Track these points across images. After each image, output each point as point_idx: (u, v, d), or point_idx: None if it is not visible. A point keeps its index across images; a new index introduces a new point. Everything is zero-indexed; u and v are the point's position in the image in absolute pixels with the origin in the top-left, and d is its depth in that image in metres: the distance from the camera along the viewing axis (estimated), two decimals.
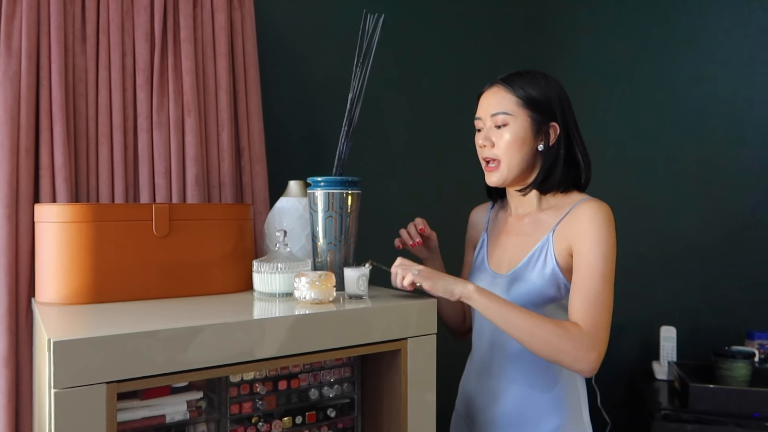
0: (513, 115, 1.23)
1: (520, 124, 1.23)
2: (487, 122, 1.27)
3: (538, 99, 1.23)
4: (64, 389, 0.85)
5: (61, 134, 1.33)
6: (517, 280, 1.26)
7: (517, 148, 1.23)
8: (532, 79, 1.25)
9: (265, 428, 1.19)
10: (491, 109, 1.25)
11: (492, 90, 1.28)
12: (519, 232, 1.32)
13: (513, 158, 1.24)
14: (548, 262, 1.22)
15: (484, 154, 1.28)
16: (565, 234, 1.21)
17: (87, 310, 1.10)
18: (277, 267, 1.22)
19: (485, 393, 1.32)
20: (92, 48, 1.40)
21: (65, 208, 1.15)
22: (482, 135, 1.27)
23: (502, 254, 1.33)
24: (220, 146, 1.54)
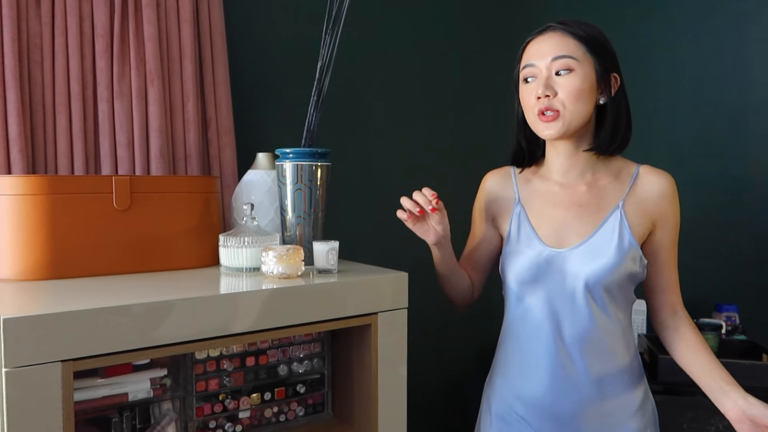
0: (579, 60, 1.10)
1: (586, 71, 1.10)
2: (544, 70, 1.11)
3: (602, 45, 1.12)
4: (15, 368, 0.81)
5: (15, 103, 1.27)
6: (591, 254, 1.13)
7: (583, 98, 1.10)
8: (591, 26, 1.14)
9: (233, 405, 1.17)
10: (552, 52, 1.10)
11: (548, 34, 1.13)
12: (579, 202, 1.18)
13: (577, 109, 1.10)
14: (625, 236, 1.13)
15: (541, 105, 1.11)
16: (644, 207, 1.15)
17: (43, 286, 1.06)
18: (244, 241, 1.19)
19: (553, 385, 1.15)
20: (47, 12, 1.33)
21: (20, 180, 1.10)
22: (540, 83, 1.11)
23: (560, 227, 1.18)
24: (185, 117, 1.48)
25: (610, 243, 1.13)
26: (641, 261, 1.15)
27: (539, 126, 1.13)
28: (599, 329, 1.14)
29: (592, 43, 1.11)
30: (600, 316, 1.14)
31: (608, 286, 1.13)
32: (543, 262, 1.16)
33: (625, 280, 1.14)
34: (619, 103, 1.15)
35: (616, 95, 1.15)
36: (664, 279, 1.20)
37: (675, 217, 1.18)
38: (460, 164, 2.09)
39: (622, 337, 1.17)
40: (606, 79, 1.13)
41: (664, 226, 1.17)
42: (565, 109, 1.10)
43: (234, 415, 1.17)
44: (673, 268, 1.20)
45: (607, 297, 1.14)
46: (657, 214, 1.16)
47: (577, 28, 1.12)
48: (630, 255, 1.13)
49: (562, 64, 1.10)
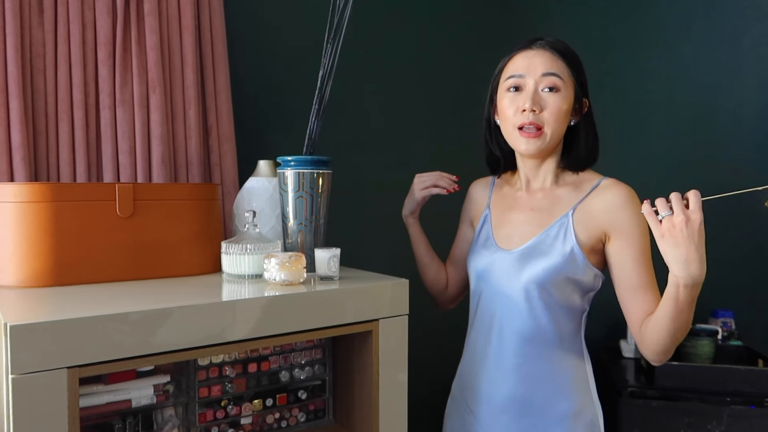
0: (564, 81, 1.15)
1: (569, 93, 1.16)
2: (531, 83, 1.15)
3: (582, 70, 1.19)
4: (22, 375, 0.82)
5: (18, 111, 1.27)
6: (532, 256, 1.20)
7: (563, 119, 1.16)
8: (572, 49, 1.20)
9: (235, 411, 1.18)
10: (544, 68, 1.15)
11: (539, 50, 1.17)
12: (532, 207, 1.25)
13: (558, 129, 1.16)
14: (568, 240, 1.17)
15: (527, 119, 1.15)
16: (592, 217, 1.17)
17: (47, 293, 1.07)
18: (246, 248, 1.20)
19: (489, 377, 1.26)
20: (50, 20, 1.34)
21: (23, 188, 1.10)
22: (527, 96, 1.15)
23: (512, 230, 1.26)
24: (186, 124, 1.49)
25: (552, 246, 1.18)
26: (588, 269, 1.17)
27: (519, 140, 1.17)
28: (534, 331, 1.19)
29: (576, 67, 1.17)
30: (536, 317, 1.19)
31: (545, 288, 1.17)
32: (493, 261, 1.25)
33: (563, 284, 1.17)
34: (590, 124, 1.22)
35: (586, 116, 1.21)
36: (629, 285, 1.16)
37: (632, 228, 1.14)
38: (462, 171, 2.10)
39: (559, 342, 1.20)
40: (580, 101, 1.19)
41: (620, 236, 1.15)
42: (548, 126, 1.14)
43: (236, 421, 1.18)
44: (639, 273, 1.15)
45: (545, 299, 1.18)
46: (608, 225, 1.15)
47: (563, 48, 1.17)
48: (571, 259, 1.16)
49: (550, 82, 1.14)
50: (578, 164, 1.22)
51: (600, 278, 1.21)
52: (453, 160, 2.10)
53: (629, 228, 1.15)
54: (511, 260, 1.22)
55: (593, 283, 1.20)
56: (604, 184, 1.19)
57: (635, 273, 1.15)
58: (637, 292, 1.16)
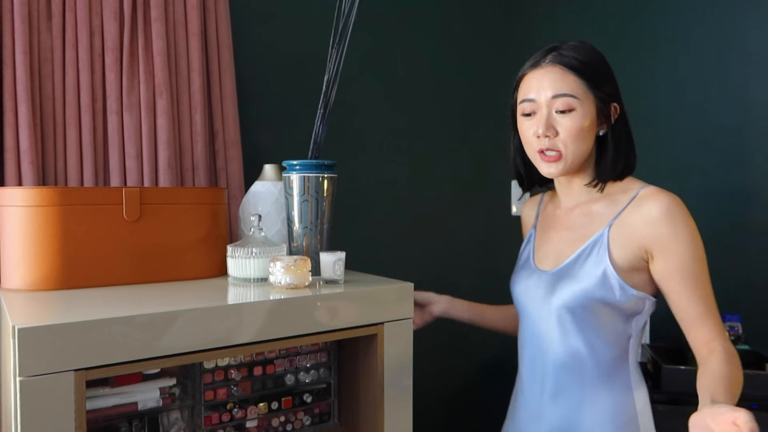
0: (579, 99, 1.05)
1: (587, 109, 1.06)
2: (544, 107, 1.07)
3: (601, 77, 1.07)
4: (29, 377, 0.83)
5: (26, 116, 1.29)
6: (563, 278, 1.11)
7: (583, 138, 1.06)
8: (590, 53, 1.08)
9: (241, 414, 1.18)
10: (553, 89, 1.06)
11: (548, 68, 1.07)
12: (568, 225, 1.16)
13: (579, 149, 1.07)
14: (601, 261, 1.06)
15: (542, 145, 1.08)
16: (630, 233, 1.05)
17: (55, 296, 1.07)
18: (252, 252, 1.20)
19: (528, 407, 1.18)
20: (58, 26, 1.36)
21: (31, 192, 1.12)
22: (540, 122, 1.07)
23: (549, 250, 1.18)
24: (193, 129, 1.50)
25: (582, 268, 1.08)
26: (624, 292, 1.05)
27: (541, 165, 1.11)
28: (569, 358, 1.10)
29: (593, 77, 1.07)
30: (570, 344, 1.10)
31: (576, 313, 1.08)
32: (529, 283, 1.18)
33: (597, 307, 1.07)
34: (620, 131, 1.11)
35: (616, 124, 1.10)
36: (682, 313, 1.04)
37: (677, 243, 1.02)
38: (467, 176, 2.10)
39: (598, 371, 1.09)
40: (606, 110, 1.09)
41: (663, 253, 1.03)
42: (566, 149, 1.07)
43: (241, 424, 1.18)
44: (692, 300, 1.03)
45: (578, 324, 1.09)
46: (650, 241, 1.04)
47: (575, 60, 1.06)
48: (603, 281, 1.06)
49: (562, 104, 1.05)
50: (609, 176, 1.11)
51: (645, 301, 1.08)
52: (458, 164, 2.10)
53: (671, 243, 1.02)
54: (544, 282, 1.14)
55: (635, 306, 1.07)
56: (642, 194, 1.06)
57: (683, 297, 1.03)
58: (690, 320, 1.04)
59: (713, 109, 2.12)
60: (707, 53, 2.08)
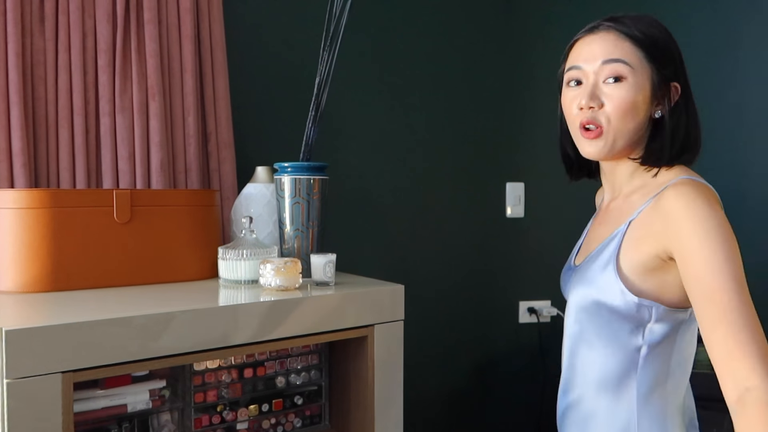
0: (633, 68, 0.92)
1: (640, 81, 0.92)
2: (591, 75, 0.94)
3: (662, 50, 0.94)
4: (17, 379, 0.83)
5: (18, 118, 1.29)
6: (578, 277, 1.01)
7: (633, 113, 0.92)
8: (651, 24, 0.95)
9: (231, 416, 1.18)
10: (603, 55, 0.93)
11: (601, 33, 0.95)
12: (604, 219, 1.04)
13: (625, 126, 0.93)
14: (609, 261, 0.94)
15: (585, 117, 0.95)
16: (648, 230, 0.91)
17: (45, 298, 1.08)
18: (243, 254, 1.21)
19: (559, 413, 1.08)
20: (51, 29, 1.36)
21: (23, 194, 1.12)
22: (585, 92, 0.94)
23: (584, 246, 1.08)
24: (185, 131, 1.51)
25: (592, 266, 0.98)
26: (622, 294, 0.92)
27: (581, 142, 0.97)
28: (580, 361, 1.01)
29: (652, 48, 0.93)
30: (582, 345, 1.00)
31: (585, 314, 0.98)
32: (565, 278, 1.09)
33: (597, 310, 0.96)
34: (679, 116, 0.96)
35: (676, 107, 0.96)
36: (705, 340, 0.83)
37: (693, 244, 0.84)
38: (461, 177, 2.11)
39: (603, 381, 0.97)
40: (664, 89, 0.95)
41: (679, 256, 0.86)
42: (609, 124, 0.93)
43: (232, 427, 1.19)
44: (714, 319, 0.81)
45: (587, 326, 0.99)
46: (666, 241, 0.88)
47: (634, 28, 0.94)
48: (605, 282, 0.94)
49: (612, 71, 0.93)
50: (656, 160, 0.96)
51: (652, 309, 0.91)
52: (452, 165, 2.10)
53: (687, 244, 0.85)
54: (571, 279, 1.05)
55: (638, 314, 0.92)
56: (672, 185, 0.90)
57: (702, 314, 0.83)
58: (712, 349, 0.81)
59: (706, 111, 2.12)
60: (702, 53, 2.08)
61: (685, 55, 0.99)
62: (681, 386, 0.97)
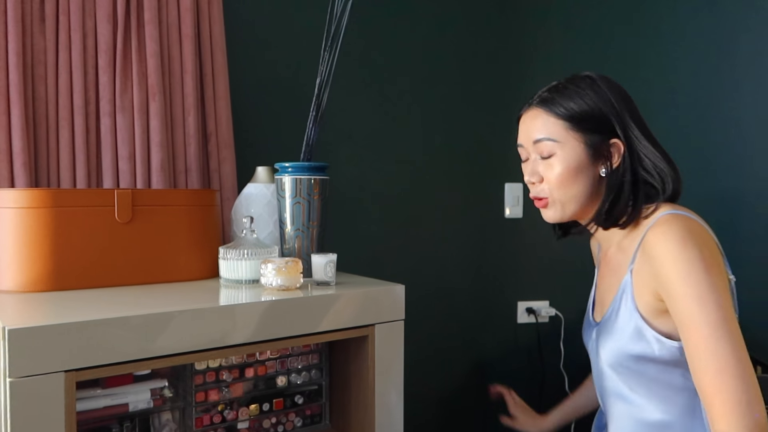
0: (560, 142, 0.98)
1: (570, 152, 0.98)
2: (530, 152, 1.03)
3: (588, 116, 0.98)
4: (19, 378, 0.83)
5: (19, 118, 1.29)
6: (604, 333, 1.01)
7: (571, 182, 0.98)
8: (576, 91, 0.99)
9: (232, 416, 1.18)
10: (533, 135, 1.01)
11: (530, 113, 1.03)
12: (609, 266, 1.06)
13: (568, 193, 0.99)
14: (631, 312, 0.95)
15: (532, 191, 1.04)
16: (645, 273, 0.93)
17: (46, 297, 1.08)
18: (244, 253, 1.21)
19: None
20: (51, 28, 1.36)
21: (24, 193, 1.12)
22: (528, 169, 1.03)
23: (597, 297, 1.10)
24: (186, 131, 1.51)
25: (617, 320, 0.98)
26: (660, 342, 0.92)
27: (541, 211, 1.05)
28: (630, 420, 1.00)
29: (576, 119, 0.98)
30: (628, 402, 1.00)
31: (620, 369, 0.99)
32: (587, 334, 1.11)
33: (635, 363, 0.96)
34: (625, 170, 0.98)
35: (623, 162, 0.98)
36: (693, 375, 0.87)
37: (675, 281, 0.86)
38: (461, 178, 2.11)
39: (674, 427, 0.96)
40: (604, 150, 0.98)
41: (666, 296, 0.89)
42: (552, 194, 1.00)
43: (233, 426, 1.19)
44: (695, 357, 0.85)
45: (627, 382, 0.99)
46: (656, 283, 0.91)
47: (558, 102, 0.99)
48: (635, 334, 0.94)
49: (540, 149, 1.00)
50: (604, 222, 1.00)
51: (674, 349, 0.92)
52: (452, 166, 2.11)
53: (670, 282, 0.87)
54: (594, 335, 1.06)
55: (682, 358, 0.91)
56: (653, 226, 0.93)
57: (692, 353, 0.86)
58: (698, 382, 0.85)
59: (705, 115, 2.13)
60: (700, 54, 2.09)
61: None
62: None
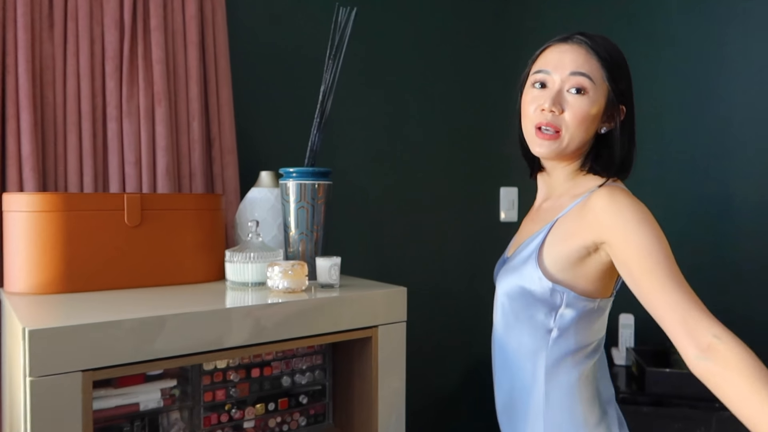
0: (595, 84, 1.01)
1: (598, 97, 1.02)
2: (557, 82, 1.03)
3: (621, 73, 1.04)
4: (39, 377, 0.85)
5: (28, 123, 1.31)
6: (507, 267, 1.12)
7: (588, 124, 1.02)
8: (615, 47, 1.05)
9: (238, 415, 1.21)
10: (573, 66, 1.02)
11: (573, 46, 1.03)
12: (535, 217, 1.15)
13: (579, 134, 1.02)
14: (534, 251, 1.05)
15: (543, 119, 1.03)
16: (576, 227, 1.01)
17: (59, 299, 1.10)
18: (250, 257, 1.24)
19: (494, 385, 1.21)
20: (60, 35, 1.38)
21: (36, 198, 1.14)
22: (549, 95, 1.02)
23: (516, 240, 1.19)
24: (190, 136, 1.54)
25: (519, 256, 1.08)
26: (540, 279, 1.03)
27: (534, 141, 1.05)
28: (507, 344, 1.11)
29: (614, 70, 1.03)
30: (510, 331, 1.11)
31: (509, 301, 1.09)
32: (497, 267, 1.20)
33: (520, 295, 1.06)
34: (622, 135, 1.06)
35: (622, 125, 1.06)
36: (654, 310, 0.95)
37: (626, 232, 0.95)
38: (458, 183, 2.15)
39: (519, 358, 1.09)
40: (614, 108, 1.05)
41: (613, 246, 0.97)
42: (567, 130, 1.02)
43: (239, 425, 1.22)
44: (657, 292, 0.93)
45: (511, 310, 1.09)
46: (596, 234, 0.99)
47: (602, 47, 1.03)
48: (528, 271, 1.05)
49: (577, 82, 1.01)
50: (602, 171, 1.07)
51: (564, 294, 1.02)
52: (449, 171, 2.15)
53: (619, 233, 0.96)
54: (503, 267, 1.16)
55: (551, 298, 1.03)
56: (599, 188, 1.02)
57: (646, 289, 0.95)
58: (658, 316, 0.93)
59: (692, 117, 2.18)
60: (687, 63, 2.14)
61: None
62: (591, 370, 1.07)
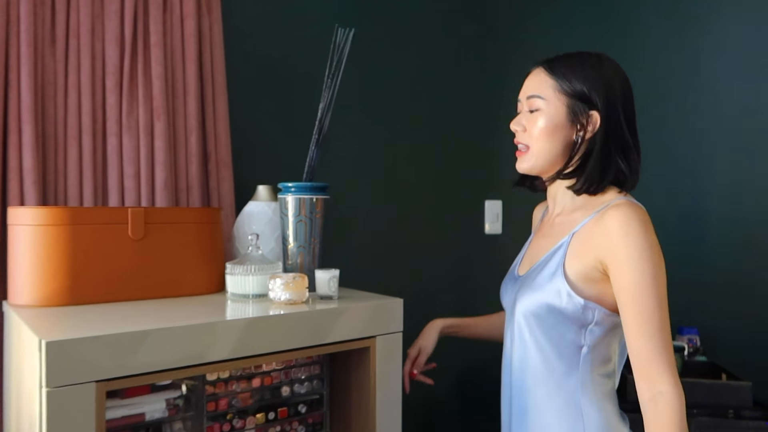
0: (546, 100, 1.14)
1: (552, 111, 1.13)
2: (524, 105, 1.19)
3: (577, 84, 1.12)
4: (55, 388, 0.88)
5: (30, 137, 1.33)
6: (525, 285, 1.15)
7: (546, 136, 1.13)
8: (579, 62, 1.14)
9: (240, 424, 1.24)
10: (527, 92, 1.18)
11: (534, 72, 1.19)
12: (548, 232, 1.21)
13: (542, 147, 1.14)
14: (557, 268, 1.10)
15: (516, 138, 1.20)
16: (590, 243, 1.08)
17: (65, 312, 1.12)
18: (250, 269, 1.27)
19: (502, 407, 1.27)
20: (62, 50, 1.41)
21: (41, 212, 1.16)
22: (518, 119, 1.19)
23: (528, 257, 1.24)
24: (188, 151, 1.56)
25: (540, 274, 1.13)
26: (569, 296, 1.07)
27: (517, 159, 1.21)
28: (523, 363, 1.15)
29: (565, 85, 1.13)
30: (527, 348, 1.15)
31: (532, 319, 1.13)
32: (508, 287, 1.25)
33: (547, 314, 1.10)
34: (597, 141, 1.11)
35: (595, 134, 1.12)
36: (628, 346, 1.04)
37: (627, 258, 1.02)
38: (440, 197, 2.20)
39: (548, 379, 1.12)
40: (582, 118, 1.11)
41: (614, 268, 1.04)
42: (533, 144, 1.16)
43: None
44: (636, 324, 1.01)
45: (533, 330, 1.13)
46: (603, 253, 1.05)
47: (556, 68, 1.14)
48: (553, 287, 1.09)
49: (530, 104, 1.16)
50: (584, 187, 1.13)
51: (595, 311, 1.08)
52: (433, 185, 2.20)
53: (621, 258, 1.02)
54: (516, 288, 1.20)
55: (583, 316, 1.08)
56: (612, 205, 1.07)
57: (628, 317, 1.03)
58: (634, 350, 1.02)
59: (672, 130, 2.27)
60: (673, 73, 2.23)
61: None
62: (609, 380, 1.14)
